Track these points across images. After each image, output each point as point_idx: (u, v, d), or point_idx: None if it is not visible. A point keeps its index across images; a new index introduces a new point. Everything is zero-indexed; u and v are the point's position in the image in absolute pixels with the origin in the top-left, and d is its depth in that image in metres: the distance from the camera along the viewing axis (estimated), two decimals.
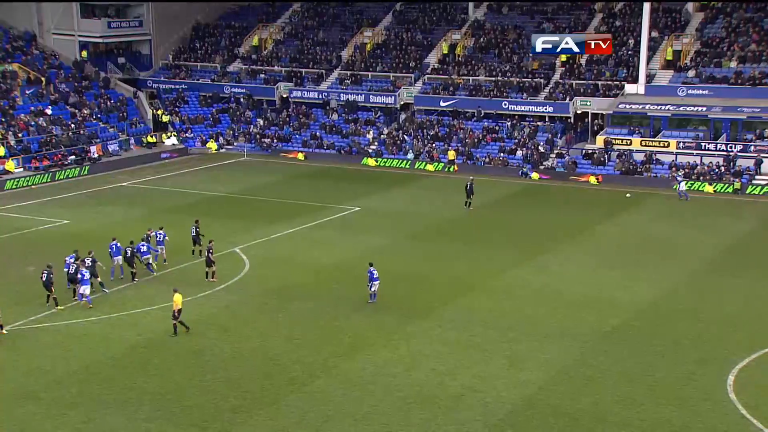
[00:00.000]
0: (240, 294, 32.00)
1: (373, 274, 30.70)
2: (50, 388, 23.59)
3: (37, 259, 34.09)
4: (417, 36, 68.86)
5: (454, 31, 67.19)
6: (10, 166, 50.66)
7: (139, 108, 64.29)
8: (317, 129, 63.97)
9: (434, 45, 67.40)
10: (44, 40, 65.71)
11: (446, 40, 66.71)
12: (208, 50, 72.02)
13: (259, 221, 42.77)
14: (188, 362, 25.67)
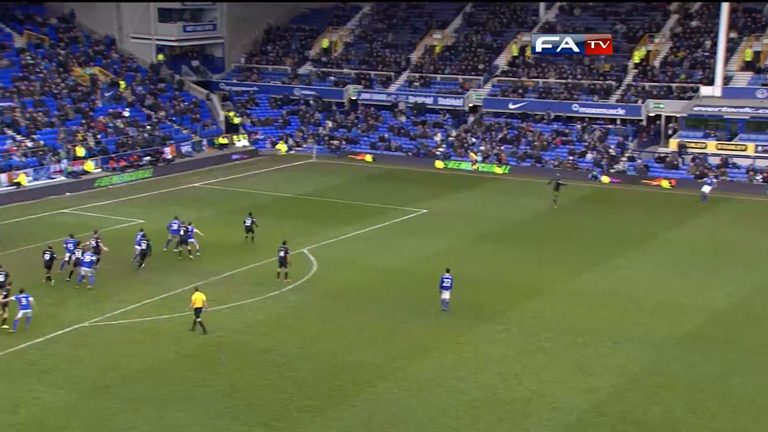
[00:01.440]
0: (307, 295, 32.30)
1: (444, 281, 30.19)
2: (125, 383, 24.23)
3: (113, 258, 35.06)
4: (486, 38, 68.47)
5: (524, 32, 66.58)
6: (89, 166, 52.25)
7: (211, 110, 65.54)
8: (385, 131, 64.16)
9: (504, 47, 66.93)
10: (123, 44, 67.58)
11: (516, 42, 66.16)
12: (279, 53, 72.96)
13: (327, 223, 43.10)
14: (256, 361, 26.05)
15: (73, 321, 28.57)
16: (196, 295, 28.00)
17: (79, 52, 63.23)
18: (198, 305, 27.84)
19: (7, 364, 25.18)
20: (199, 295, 27.95)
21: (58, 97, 57.23)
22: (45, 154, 50.94)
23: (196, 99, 65.36)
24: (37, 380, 24.13)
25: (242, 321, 29.40)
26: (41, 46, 61.85)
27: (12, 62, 58.17)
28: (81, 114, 56.70)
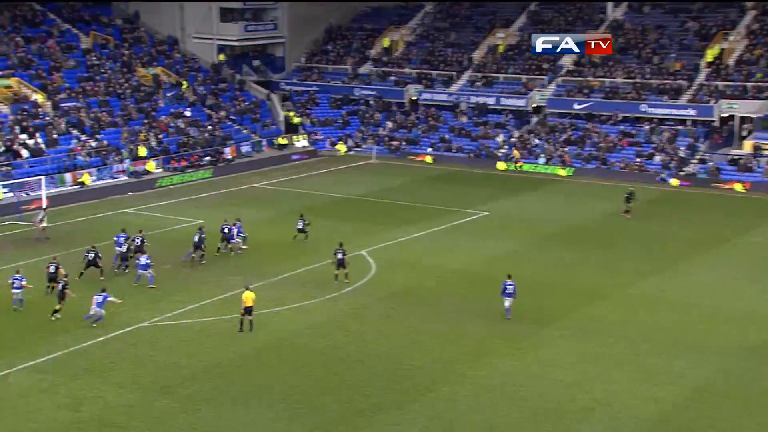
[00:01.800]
0: (366, 297, 32.49)
1: (506, 287, 29.90)
2: (184, 383, 24.74)
3: (173, 258, 35.83)
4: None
5: (590, 31, 65.66)
6: (150, 166, 53.45)
7: (271, 110, 66.39)
8: (446, 132, 64.07)
9: None
10: (185, 45, 68.95)
11: None
12: (339, 52, 73.47)
13: (386, 224, 43.25)
14: (315, 363, 26.31)
15: (133, 320, 29.28)
16: (246, 294, 28.41)
17: (142, 53, 64.73)
18: (249, 304, 28.24)
19: (70, 361, 25.94)
20: (249, 294, 28.36)
21: (121, 97, 58.69)
22: (108, 154, 52.28)
23: (257, 99, 66.28)
24: (98, 379, 24.81)
25: (301, 323, 29.73)
26: (106, 46, 63.51)
27: (78, 63, 59.86)
28: (143, 114, 58.05)
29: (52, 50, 59.42)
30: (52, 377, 24.73)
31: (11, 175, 46.83)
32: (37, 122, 52.01)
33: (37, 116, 52.56)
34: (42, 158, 49.51)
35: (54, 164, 49.45)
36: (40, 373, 24.95)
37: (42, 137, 51.05)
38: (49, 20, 62.78)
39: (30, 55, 57.78)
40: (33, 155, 49.32)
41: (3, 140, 49.11)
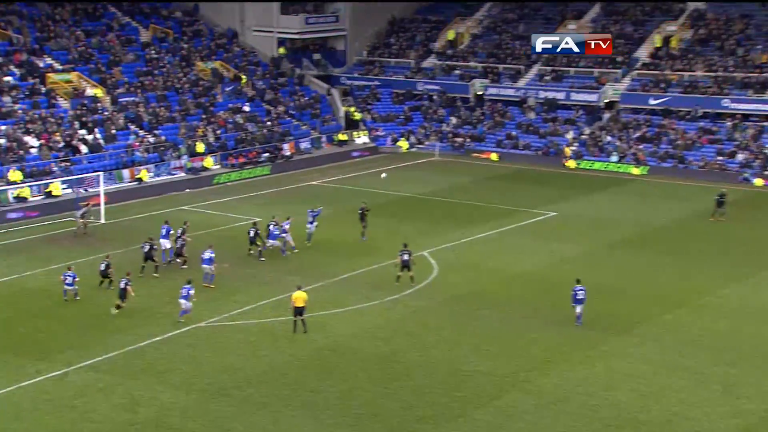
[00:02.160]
0: (428, 299, 32.40)
1: (577, 293, 29.50)
2: (241, 386, 25.00)
3: (229, 256, 36.27)
4: (626, 28, 66.71)
5: (669, 22, 64.47)
6: (208, 162, 54.23)
7: (331, 105, 66.72)
8: (513, 128, 63.55)
9: (645, 38, 65.00)
10: (245, 38, 69.75)
11: (660, 33, 64.13)
12: (402, 45, 73.45)
13: (449, 224, 43.09)
14: (374, 368, 26.33)
15: (190, 320, 29.70)
16: (297, 294, 28.52)
17: (201, 46, 65.73)
18: (299, 304, 28.34)
19: (127, 361, 26.46)
20: (300, 295, 28.46)
21: (180, 91, 59.70)
22: (166, 150, 53.21)
23: (317, 94, 66.71)
24: (155, 379, 25.25)
25: (360, 325, 29.80)
26: (165, 40, 64.68)
27: (137, 57, 61.08)
28: (202, 109, 58.93)
29: (112, 44, 60.75)
30: (109, 377, 25.25)
31: (70, 170, 48.00)
32: (95, 117, 53.23)
33: (96, 111, 53.79)
34: (100, 154, 50.67)
35: (112, 160, 50.54)
36: (97, 373, 25.50)
37: (100, 132, 52.24)
38: (109, 13, 64.19)
39: (90, 49, 59.17)
40: (91, 151, 50.51)
41: (62, 135, 50.39)
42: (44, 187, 45.87)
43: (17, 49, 55.79)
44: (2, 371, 25.33)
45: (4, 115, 50.06)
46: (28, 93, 52.56)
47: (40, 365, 25.75)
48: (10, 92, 51.75)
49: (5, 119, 49.87)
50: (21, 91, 52.43)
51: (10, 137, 48.50)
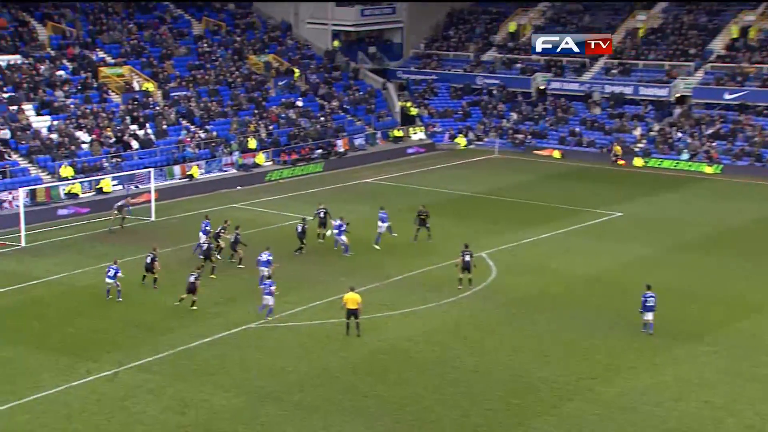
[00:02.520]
0: (485, 302, 32.25)
1: (647, 300, 28.92)
2: (292, 390, 25.16)
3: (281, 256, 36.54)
4: (700, 18, 65.49)
5: (747, 11, 63.07)
6: (260, 159, 54.75)
7: (387, 100, 66.79)
8: (577, 124, 62.89)
9: (721, 29, 63.73)
10: (298, 30, 70.25)
11: (737, 23, 62.81)
12: (461, 38, 73.20)
13: (508, 224, 42.83)
14: (429, 372, 26.29)
15: (241, 322, 30.01)
16: (349, 295, 28.50)
17: (254, 39, 66.38)
18: (351, 306, 28.31)
19: (176, 362, 26.84)
20: (352, 296, 28.43)
21: (232, 86, 60.36)
22: (217, 146, 53.85)
23: (372, 88, 66.83)
24: (204, 381, 25.56)
25: (415, 328, 29.77)
26: (218, 33, 65.49)
27: (189, 50, 61.95)
28: (254, 104, 59.51)
29: (164, 37, 61.70)
30: (159, 378, 25.65)
31: (120, 167, 48.89)
32: (147, 112, 54.13)
33: (147, 106, 54.70)
34: (151, 150, 51.48)
35: (163, 156, 51.33)
36: (147, 373, 25.93)
37: (152, 128, 53.09)
38: (162, 6, 65.16)
39: (142, 43, 60.19)
40: (142, 146, 51.36)
41: (114, 130, 51.33)
42: (95, 184, 46.78)
43: (70, 42, 57.01)
44: (53, 371, 25.90)
45: (56, 109, 51.20)
46: (80, 87, 53.68)
47: (91, 365, 26.27)
48: (63, 86, 52.88)
49: (57, 114, 51.01)
50: (73, 85, 53.56)
51: (62, 132, 49.58)
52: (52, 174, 47.00)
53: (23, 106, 50.15)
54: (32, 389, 24.64)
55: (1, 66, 52.12)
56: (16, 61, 53.33)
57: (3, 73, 51.71)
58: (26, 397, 24.16)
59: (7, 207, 43.10)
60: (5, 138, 47.49)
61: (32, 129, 49.07)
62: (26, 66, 53.06)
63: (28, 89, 51.52)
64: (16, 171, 45.68)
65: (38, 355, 27.04)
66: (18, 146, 47.72)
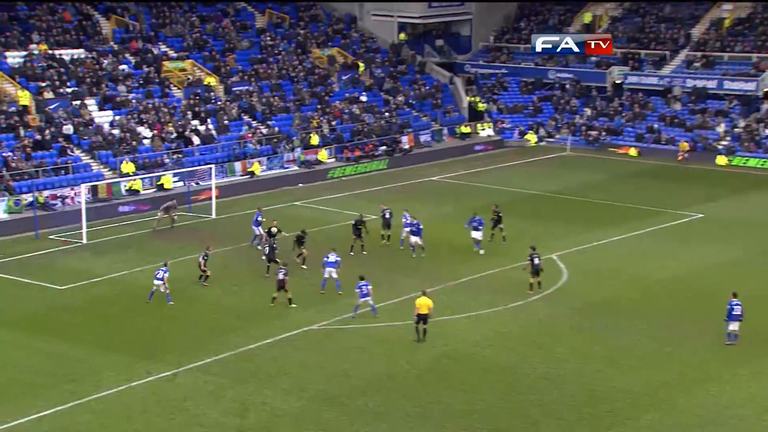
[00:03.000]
0: (556, 307, 31.97)
1: (733, 308, 28.21)
2: (354, 394, 25.30)
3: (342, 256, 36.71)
4: None
5: None
6: (322, 155, 55.12)
7: (454, 95, 66.65)
8: (655, 121, 61.93)
9: None
10: (363, 23, 70.49)
11: None
12: (533, 30, 72.51)
13: (581, 225, 42.41)
14: (496, 379, 26.17)
15: (302, 323, 30.27)
16: (421, 299, 28.40)
17: (318, 32, 66.86)
18: (423, 311, 28.24)
19: (237, 364, 27.20)
20: (424, 301, 28.33)
21: (294, 80, 60.90)
22: (279, 142, 54.38)
23: (438, 82, 66.75)
24: (265, 384, 25.85)
25: (482, 333, 29.67)
26: (281, 25, 66.12)
27: (251, 43, 62.68)
28: (317, 99, 59.94)
29: (227, 30, 62.53)
30: (219, 379, 26.02)
31: (181, 162, 49.71)
32: (208, 107, 54.93)
33: (209, 101, 55.51)
34: (212, 146, 52.24)
35: (224, 152, 52.04)
36: (207, 375, 26.33)
37: (213, 123, 53.87)
38: None
39: (204, 36, 61.10)
40: (203, 142, 52.15)
41: (175, 126, 52.22)
42: (156, 180, 47.64)
43: (133, 36, 58.16)
44: (114, 370, 26.46)
45: (118, 104, 52.29)
46: (141, 82, 54.73)
47: (150, 365, 26.78)
48: (125, 81, 53.98)
49: (119, 109, 52.10)
50: (135, 80, 54.62)
51: (124, 127, 50.62)
52: (113, 170, 48.02)
53: (86, 101, 51.32)
54: (93, 389, 25.21)
55: (64, 60, 53.40)
56: (79, 55, 54.61)
57: (66, 67, 52.98)
58: (87, 397, 24.74)
59: (69, 203, 44.15)
60: (68, 133, 48.67)
61: (94, 124, 50.21)
62: (89, 60, 54.28)
63: (91, 84, 52.72)
64: (78, 167, 46.78)
65: (99, 354, 27.67)
66: (80, 142, 48.87)
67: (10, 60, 51.58)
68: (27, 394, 24.85)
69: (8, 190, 43.23)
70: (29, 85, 50.22)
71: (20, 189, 43.69)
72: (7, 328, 29.74)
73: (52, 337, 29.00)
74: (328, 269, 32.79)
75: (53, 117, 49.01)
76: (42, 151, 46.60)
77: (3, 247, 38.86)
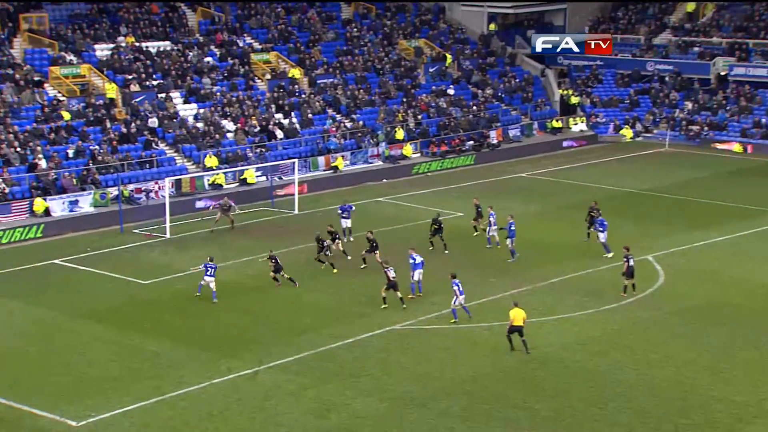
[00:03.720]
0: (651, 311, 31.41)
1: None
2: (438, 396, 25.27)
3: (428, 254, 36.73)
4: None
5: None
6: (407, 150, 55.19)
7: (545, 88, 66.00)
8: (763, 115, 60.28)
9: None
10: (452, 13, 70.34)
11: None
12: (631, 19, 71.43)
13: (679, 225, 41.68)
14: (587, 385, 25.83)
15: (384, 323, 30.38)
16: (515, 311, 27.69)
17: (405, 23, 66.98)
18: (518, 323, 27.62)
19: (318, 363, 27.45)
20: (518, 312, 27.63)
21: (380, 72, 61.13)
22: (363, 136, 54.66)
23: (529, 75, 66.19)
24: (346, 384, 26.04)
25: (572, 336, 29.34)
26: (367, 16, 66.45)
27: (337, 35, 63.18)
28: (403, 92, 60.06)
29: (312, 21, 63.13)
30: (300, 379, 26.32)
31: (264, 157, 50.43)
32: (292, 100, 55.59)
33: (293, 93, 56.17)
34: (295, 140, 52.86)
35: (307, 147, 52.59)
36: (287, 374, 26.66)
37: (297, 116, 54.50)
38: None
39: (290, 27, 61.82)
40: (287, 136, 52.80)
41: (259, 119, 53.00)
42: (239, 174, 48.43)
43: (218, 28, 59.24)
44: (195, 367, 27.03)
45: (203, 97, 53.34)
46: (226, 74, 55.69)
47: (231, 362, 27.25)
48: (210, 73, 55.02)
49: (203, 102, 53.15)
50: (219, 72, 55.61)
51: (208, 121, 51.62)
52: (196, 164, 49.01)
53: (171, 93, 52.51)
54: (176, 385, 25.77)
55: (150, 52, 54.71)
56: (165, 47, 55.87)
57: (152, 59, 54.27)
58: (169, 393, 25.31)
59: (153, 197, 45.25)
60: (153, 126, 49.87)
61: (179, 117, 51.32)
62: (175, 53, 55.47)
63: (176, 76, 53.87)
64: (162, 160, 47.90)
65: (181, 350, 28.29)
66: (165, 135, 50.02)
67: (98, 53, 53.10)
68: (112, 389, 25.54)
69: (94, 183, 44.54)
70: (116, 77, 51.63)
71: (106, 182, 44.97)
72: (94, 322, 30.65)
73: (136, 332, 29.76)
74: (418, 271, 32.48)
75: (139, 110, 50.27)
76: (127, 144, 47.84)
77: (89, 241, 40.06)
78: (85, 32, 53.99)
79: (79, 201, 43.24)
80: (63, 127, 46.95)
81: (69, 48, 52.44)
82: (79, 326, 30.31)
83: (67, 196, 43.09)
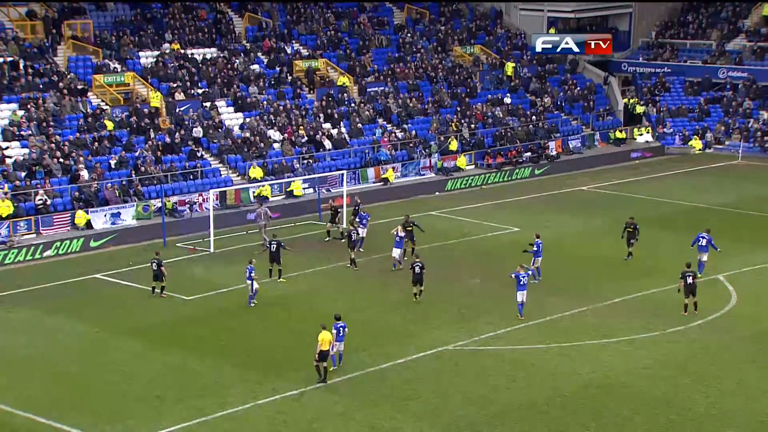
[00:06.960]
0: (722, 334, 31.04)
1: None
2: (493, 422, 25.18)
3: (484, 270, 36.67)
4: None
5: None
6: (461, 162, 55.16)
7: (608, 96, 65.57)
8: None
9: None
10: (510, 18, 70.26)
11: None
12: (702, 23, 70.72)
13: (753, 243, 41.24)
14: (652, 412, 25.57)
15: (436, 343, 30.36)
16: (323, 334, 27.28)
17: (460, 28, 67.05)
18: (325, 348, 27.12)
19: (366, 384, 27.52)
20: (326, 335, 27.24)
21: (433, 80, 61.25)
22: (415, 147, 54.74)
23: (591, 83, 65.83)
24: (397, 407, 26.05)
25: (635, 360, 29.08)
26: (420, 21, 66.65)
27: (389, 41, 63.43)
28: (457, 101, 60.09)
29: (363, 27, 63.46)
30: (348, 400, 26.41)
31: (312, 168, 50.71)
32: (341, 109, 55.88)
33: (342, 102, 56.48)
34: (344, 150, 53.11)
35: (356, 158, 52.80)
36: (334, 395, 26.77)
37: (345, 126, 54.76)
38: None
39: (339, 33, 62.20)
40: (335, 146, 53.07)
41: (306, 129, 53.32)
42: (285, 186, 48.75)
43: (266, 34, 59.81)
44: (239, 387, 27.21)
45: (249, 106, 53.84)
46: (272, 82, 56.17)
47: (276, 382, 27.42)
48: (256, 81, 55.53)
49: (250, 111, 53.65)
50: (266, 80, 56.09)
51: (254, 130, 52.06)
52: (242, 175, 49.45)
53: (216, 102, 53.07)
54: (220, 405, 25.97)
55: (196, 60, 55.37)
56: (211, 54, 56.52)
57: (198, 67, 54.91)
58: (212, 414, 25.51)
59: (197, 210, 45.74)
60: (197, 136, 50.46)
61: (224, 127, 51.84)
62: (221, 60, 56.06)
63: (222, 85, 54.45)
64: (207, 171, 48.41)
65: (225, 369, 28.55)
66: (209, 145, 50.58)
67: (143, 60, 53.91)
68: (154, 408, 25.87)
69: (137, 194, 45.14)
70: (161, 85, 52.36)
71: (148, 194, 45.56)
72: (135, 339, 31.06)
73: (178, 349, 30.11)
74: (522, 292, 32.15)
75: (183, 119, 50.87)
76: (171, 155, 48.43)
77: (132, 255, 40.63)
78: (129, 39, 54.83)
79: (121, 213, 43.89)
80: (106, 136, 47.71)
81: (113, 55, 53.33)
82: (120, 343, 30.75)
83: (108, 208, 43.73)
